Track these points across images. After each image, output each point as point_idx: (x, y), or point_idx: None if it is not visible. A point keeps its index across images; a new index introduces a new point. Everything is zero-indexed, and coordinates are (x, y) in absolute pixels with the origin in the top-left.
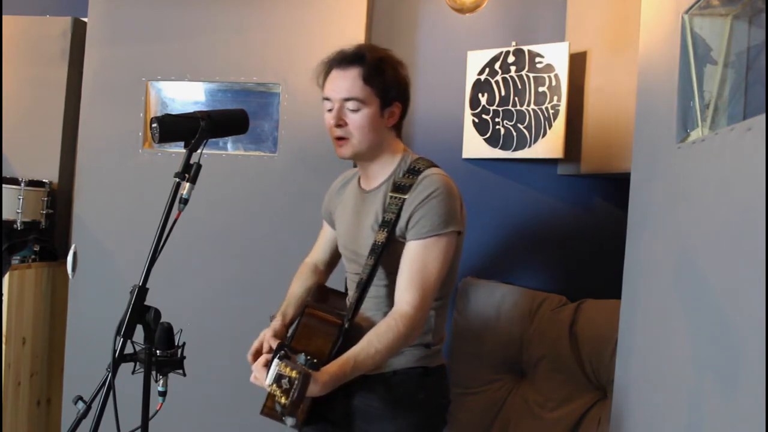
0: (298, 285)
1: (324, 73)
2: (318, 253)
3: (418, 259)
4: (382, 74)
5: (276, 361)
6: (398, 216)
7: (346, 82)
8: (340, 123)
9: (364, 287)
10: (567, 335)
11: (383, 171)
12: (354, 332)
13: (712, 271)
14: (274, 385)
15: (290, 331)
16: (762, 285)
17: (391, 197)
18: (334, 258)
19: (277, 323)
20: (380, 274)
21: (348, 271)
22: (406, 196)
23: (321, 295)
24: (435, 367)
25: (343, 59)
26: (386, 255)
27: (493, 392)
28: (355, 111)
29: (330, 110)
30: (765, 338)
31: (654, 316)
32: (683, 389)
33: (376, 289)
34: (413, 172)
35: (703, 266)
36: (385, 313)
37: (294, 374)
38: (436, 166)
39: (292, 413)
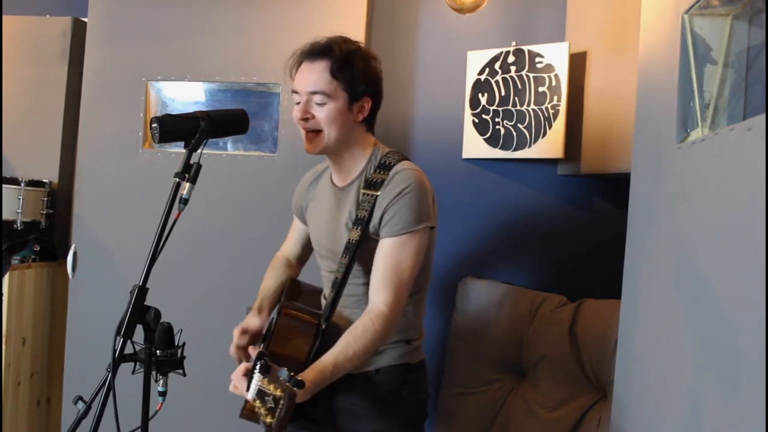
0: (272, 279)
1: (295, 65)
2: (290, 247)
3: (392, 257)
4: (351, 68)
5: (257, 375)
6: (371, 213)
7: (313, 75)
8: (306, 116)
9: (339, 286)
10: (567, 335)
11: (355, 167)
12: (331, 332)
13: (712, 271)
14: (257, 401)
15: (266, 329)
16: (762, 285)
17: (364, 194)
18: (306, 252)
19: (252, 318)
20: (356, 272)
21: (323, 269)
22: (378, 193)
23: (295, 290)
24: (416, 363)
25: (311, 52)
26: (361, 253)
27: (493, 392)
28: (321, 105)
29: (298, 103)
30: (765, 338)
31: (654, 316)
32: (683, 389)
33: (353, 288)
34: (384, 167)
35: (703, 266)
36: (362, 311)
37: (278, 393)
38: (406, 159)
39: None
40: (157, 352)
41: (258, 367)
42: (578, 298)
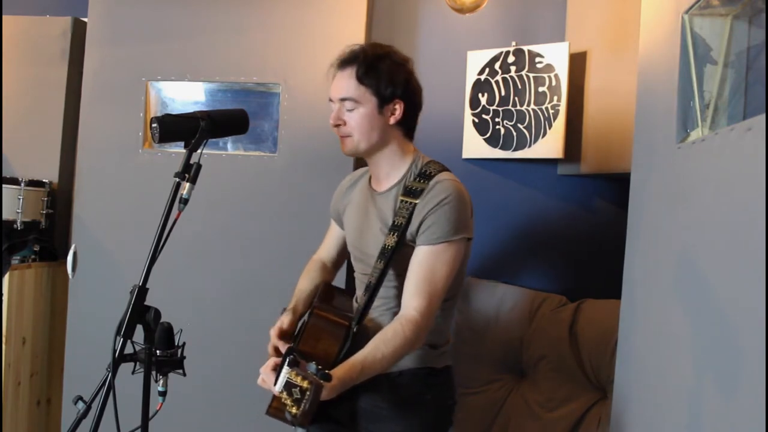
0: (307, 281)
1: (331, 75)
2: (326, 250)
3: (427, 265)
4: (377, 72)
5: (286, 368)
6: (409, 221)
7: (342, 83)
8: (338, 123)
9: (373, 291)
10: (567, 335)
11: (394, 173)
12: (361, 334)
13: (712, 271)
14: (284, 393)
15: (297, 329)
16: (762, 285)
17: (402, 201)
18: (342, 256)
19: (287, 318)
20: (389, 276)
21: (356, 271)
22: (417, 201)
23: (327, 293)
24: (441, 368)
25: (341, 60)
26: (396, 258)
27: (493, 392)
28: (351, 110)
29: None
30: (765, 338)
31: (654, 316)
32: (683, 389)
33: (384, 290)
34: (425, 176)
35: (703, 266)
36: (394, 314)
37: (305, 384)
38: (447, 170)
39: (302, 424)
40: (157, 352)
41: (287, 361)
42: (578, 298)
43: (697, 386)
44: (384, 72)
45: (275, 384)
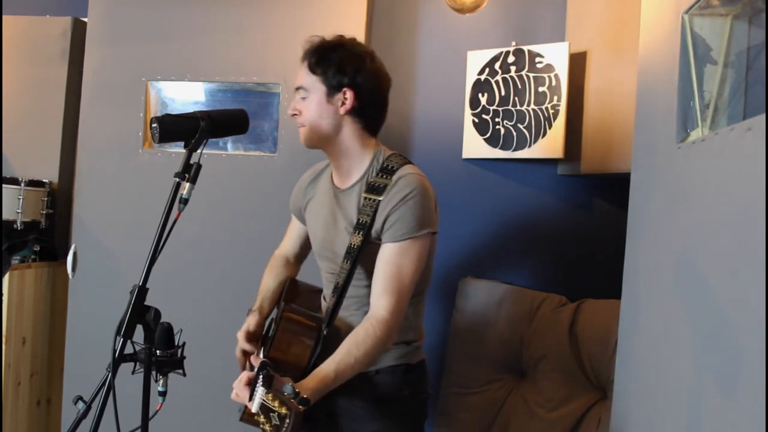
0: (272, 278)
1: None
2: (288, 245)
3: (394, 263)
4: (327, 61)
5: (261, 389)
6: (373, 218)
7: (299, 73)
8: (294, 112)
9: (341, 292)
10: (567, 335)
11: (355, 169)
12: (332, 336)
13: (712, 271)
14: (262, 417)
15: (268, 332)
16: (762, 285)
17: (366, 198)
18: (305, 251)
19: (253, 319)
20: (358, 275)
21: (323, 270)
22: (380, 198)
23: (293, 290)
24: (416, 363)
25: (304, 52)
26: (363, 257)
27: (493, 392)
28: (304, 99)
29: None
30: (765, 338)
31: (654, 316)
32: (683, 389)
33: (355, 290)
34: (387, 171)
35: (703, 266)
36: (365, 313)
37: (284, 410)
38: (410, 163)
39: None
40: (157, 352)
41: (261, 379)
42: (578, 298)
43: (697, 386)
44: (334, 61)
45: (250, 400)
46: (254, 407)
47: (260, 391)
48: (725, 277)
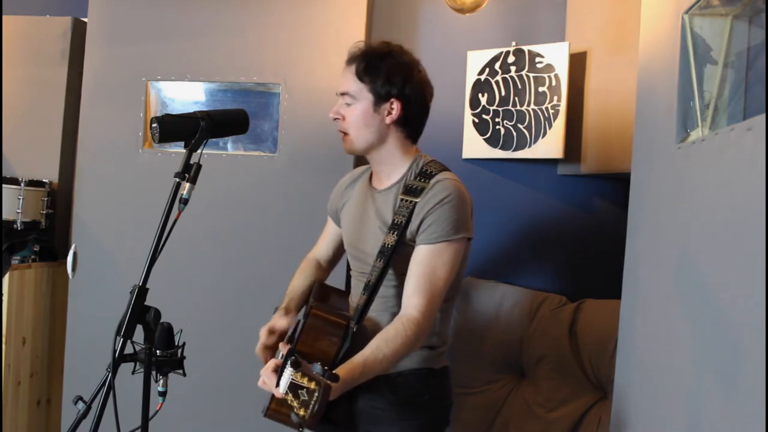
0: (301, 280)
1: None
2: (321, 249)
3: (427, 265)
4: (376, 70)
5: (289, 369)
6: (409, 219)
7: (344, 78)
8: (336, 117)
9: (372, 290)
10: (567, 335)
11: (395, 172)
12: (360, 334)
13: (712, 271)
14: (290, 395)
15: (294, 331)
16: (762, 285)
17: (402, 200)
18: (337, 255)
19: (279, 317)
20: (389, 275)
21: (353, 270)
22: (417, 200)
23: (322, 292)
24: (439, 369)
25: (349, 55)
26: (396, 258)
27: (493, 392)
28: (349, 105)
29: None
30: (765, 338)
31: (654, 316)
32: (683, 389)
33: (384, 290)
34: (425, 175)
35: (703, 266)
36: (393, 314)
37: (312, 385)
38: (448, 170)
39: (310, 426)
40: (157, 352)
41: (289, 362)
42: (578, 298)
43: (697, 386)
44: (383, 70)
45: (277, 386)
46: (282, 388)
47: (289, 371)
48: (725, 277)
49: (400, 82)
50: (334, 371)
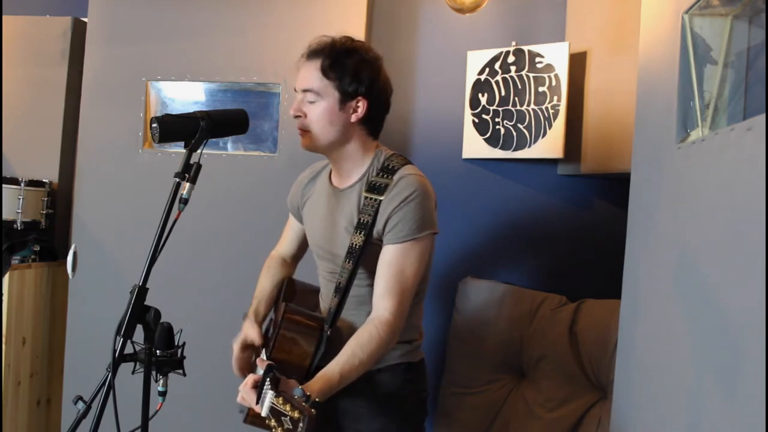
0: (267, 280)
1: (299, 63)
2: (285, 246)
3: (396, 264)
4: (342, 67)
5: (270, 393)
6: (375, 218)
7: (307, 73)
8: (298, 114)
9: (344, 292)
10: (567, 335)
11: (356, 169)
12: (335, 337)
13: (712, 271)
14: (273, 420)
15: (265, 330)
16: (762, 285)
17: (366, 198)
18: (301, 251)
19: (249, 326)
20: (360, 274)
21: (321, 269)
22: (381, 198)
23: (291, 290)
24: (417, 362)
25: (310, 50)
26: (364, 257)
27: (493, 392)
28: (312, 102)
29: None
30: (765, 338)
31: (654, 316)
32: (683, 389)
33: (356, 289)
34: (387, 170)
35: (703, 266)
36: (367, 312)
37: (296, 414)
38: (410, 163)
39: None
40: (157, 352)
41: (268, 382)
42: (578, 298)
43: (697, 387)
44: (350, 67)
45: (257, 403)
46: (264, 411)
47: (270, 395)
48: (725, 277)
49: (368, 80)
50: (311, 382)
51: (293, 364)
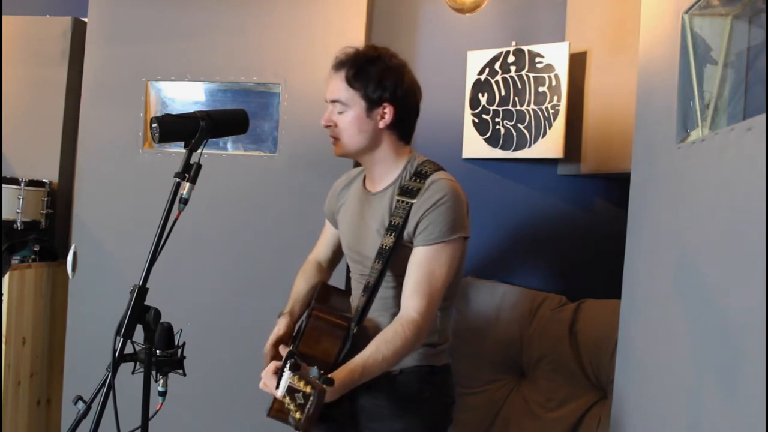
0: (303, 283)
1: (329, 75)
2: (321, 251)
3: (426, 265)
4: (366, 75)
5: (287, 372)
6: (406, 221)
7: (334, 84)
8: (328, 124)
9: (372, 292)
10: (567, 335)
11: (389, 174)
12: (361, 335)
13: (712, 271)
14: (287, 398)
15: (297, 332)
16: (762, 285)
17: (398, 201)
18: (337, 256)
19: (283, 322)
20: (388, 276)
21: (353, 272)
22: (413, 201)
23: (324, 294)
24: (441, 366)
25: (337, 61)
26: (394, 259)
27: (493, 392)
28: (341, 113)
29: None
30: (765, 338)
31: (654, 316)
32: (683, 389)
33: (383, 291)
34: (420, 175)
35: (703, 266)
36: (392, 315)
37: (308, 389)
38: (442, 169)
39: (306, 429)
40: (157, 352)
41: (288, 365)
42: (578, 298)
43: (697, 386)
44: (373, 75)
45: (277, 388)
46: (280, 391)
47: (287, 374)
48: (725, 277)
49: (392, 86)
50: (334, 372)
51: (318, 359)
